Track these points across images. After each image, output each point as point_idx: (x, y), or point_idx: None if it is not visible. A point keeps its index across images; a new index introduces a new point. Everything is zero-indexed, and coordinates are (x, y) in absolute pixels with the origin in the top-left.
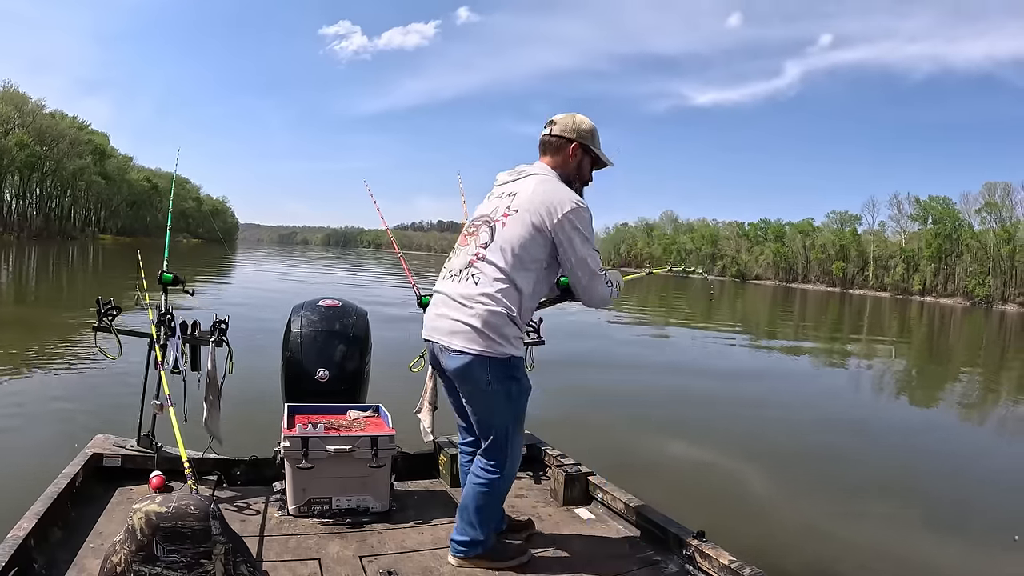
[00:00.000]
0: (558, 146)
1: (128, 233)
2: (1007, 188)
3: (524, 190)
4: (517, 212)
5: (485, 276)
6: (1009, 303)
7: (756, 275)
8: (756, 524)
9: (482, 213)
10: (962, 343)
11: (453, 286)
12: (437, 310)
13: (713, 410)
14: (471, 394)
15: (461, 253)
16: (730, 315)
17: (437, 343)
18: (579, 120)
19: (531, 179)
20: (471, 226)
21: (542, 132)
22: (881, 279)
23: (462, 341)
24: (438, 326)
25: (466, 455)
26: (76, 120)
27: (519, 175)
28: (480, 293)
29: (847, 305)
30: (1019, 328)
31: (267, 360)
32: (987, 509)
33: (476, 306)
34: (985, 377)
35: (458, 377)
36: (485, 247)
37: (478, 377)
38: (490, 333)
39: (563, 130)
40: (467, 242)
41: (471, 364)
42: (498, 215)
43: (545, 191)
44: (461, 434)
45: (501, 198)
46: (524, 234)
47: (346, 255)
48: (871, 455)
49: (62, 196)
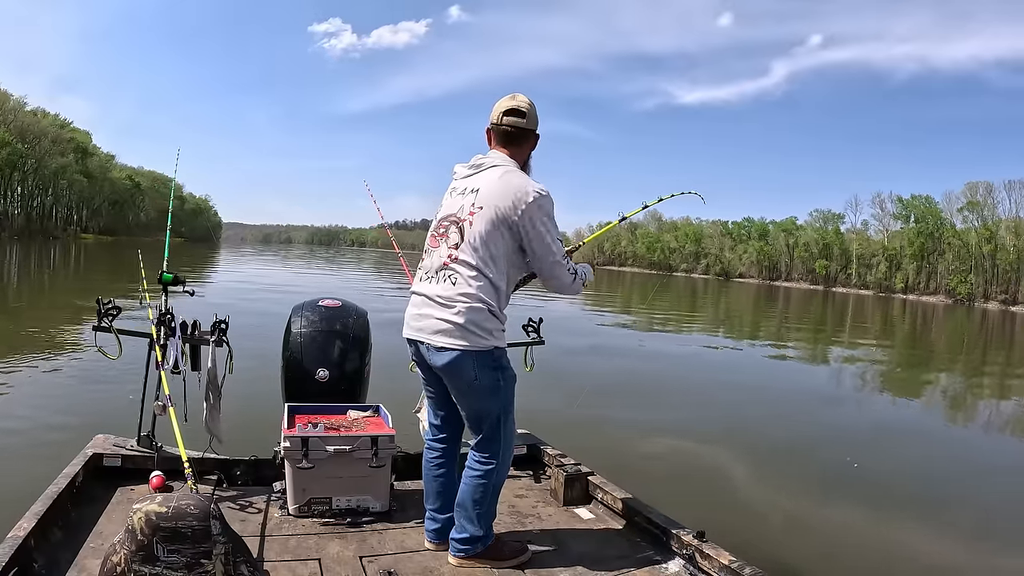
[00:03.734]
0: (522, 137)
1: (110, 232)
2: (989, 187)
3: (486, 184)
4: (482, 209)
5: (461, 276)
6: (991, 301)
7: (740, 273)
8: (756, 524)
9: (448, 213)
10: (963, 343)
11: (431, 287)
12: (419, 310)
13: (713, 409)
14: (460, 389)
15: (434, 255)
16: (722, 314)
17: (424, 342)
18: (534, 108)
19: (491, 171)
20: (439, 226)
21: (504, 119)
22: (864, 277)
23: (448, 338)
24: (422, 326)
25: (434, 451)
26: (58, 118)
27: (477, 168)
28: (459, 293)
29: (830, 303)
30: (1000, 325)
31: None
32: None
33: (457, 304)
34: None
35: (446, 373)
36: (456, 247)
37: (466, 372)
38: (473, 329)
39: (529, 122)
40: (437, 243)
41: (458, 360)
42: (464, 214)
43: (507, 183)
44: (431, 431)
45: (464, 195)
46: (491, 229)
47: (340, 256)
48: (868, 450)
49: (44, 195)
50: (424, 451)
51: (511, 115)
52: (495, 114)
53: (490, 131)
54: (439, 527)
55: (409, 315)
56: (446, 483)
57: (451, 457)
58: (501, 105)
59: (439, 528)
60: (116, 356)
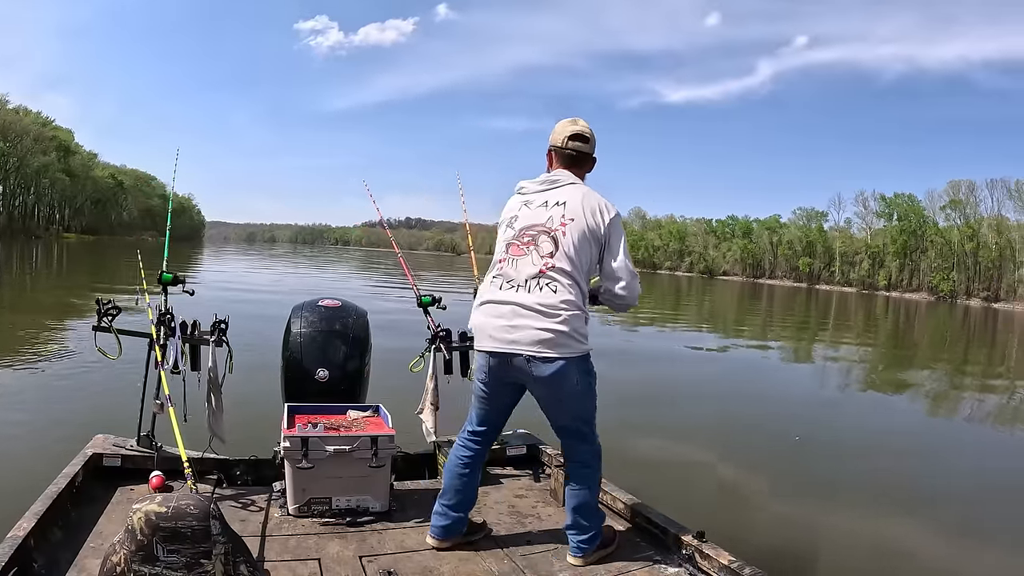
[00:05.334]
0: (584, 160)
1: (92, 231)
2: (971, 186)
3: (572, 199)
4: (573, 221)
5: (561, 284)
6: (973, 297)
7: (724, 271)
8: (756, 523)
9: (534, 223)
10: (967, 342)
11: (525, 296)
12: (510, 321)
13: (711, 408)
14: (559, 397)
15: (520, 263)
16: (707, 312)
17: (522, 354)
18: (593, 133)
19: (572, 188)
20: (522, 235)
21: (569, 143)
22: (847, 275)
23: (554, 348)
24: (517, 337)
25: (468, 451)
26: (40, 116)
27: (552, 184)
28: (561, 301)
29: (814, 300)
30: (983, 322)
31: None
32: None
33: (561, 313)
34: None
35: (549, 383)
36: (552, 256)
37: (570, 379)
38: (576, 336)
39: (591, 147)
40: (523, 252)
41: (564, 368)
42: (555, 224)
43: (593, 199)
44: (470, 434)
45: (548, 207)
46: (582, 240)
47: (324, 255)
48: (867, 448)
49: (26, 194)
50: (455, 448)
51: (576, 140)
52: (559, 138)
53: (552, 152)
54: (449, 524)
55: (493, 326)
56: (469, 483)
57: (481, 460)
58: (565, 129)
59: (448, 525)
60: (116, 356)
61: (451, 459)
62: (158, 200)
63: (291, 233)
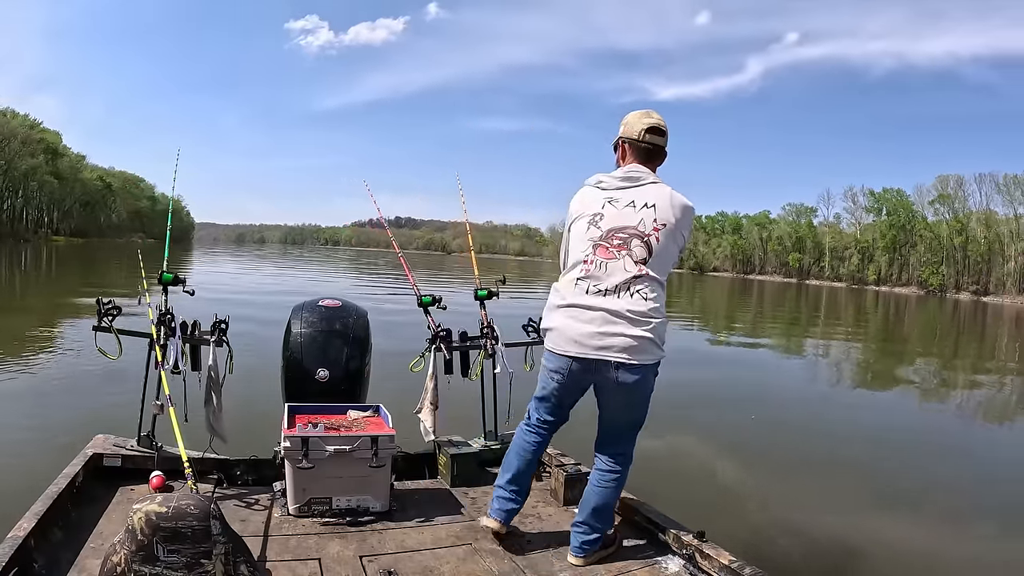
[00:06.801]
0: (659, 154)
1: (81, 234)
2: (959, 180)
3: (661, 201)
4: (666, 226)
5: (651, 291)
6: (962, 291)
7: (714, 267)
8: (756, 523)
9: (624, 225)
10: (971, 338)
11: (616, 302)
12: (599, 327)
13: (709, 405)
14: (632, 402)
15: (610, 267)
16: (698, 307)
17: (611, 361)
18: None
19: (657, 188)
20: (613, 237)
21: (646, 136)
22: (837, 270)
23: (640, 355)
24: (608, 344)
25: (536, 435)
26: (27, 118)
27: (634, 182)
28: (651, 308)
29: (804, 295)
30: (972, 315)
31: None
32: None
33: (652, 320)
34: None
35: (629, 389)
36: (644, 263)
37: (648, 385)
38: (660, 343)
39: (666, 141)
40: (613, 255)
41: (646, 374)
42: (647, 229)
43: (678, 200)
44: (540, 423)
45: (637, 209)
46: (671, 245)
47: (310, 254)
48: (867, 447)
49: (14, 197)
50: (523, 435)
51: (652, 133)
52: (635, 130)
53: (626, 145)
54: (515, 507)
55: (580, 332)
56: (532, 465)
57: (546, 447)
58: (640, 122)
59: (513, 509)
60: (116, 356)
61: (520, 446)
62: (147, 202)
63: (281, 234)
